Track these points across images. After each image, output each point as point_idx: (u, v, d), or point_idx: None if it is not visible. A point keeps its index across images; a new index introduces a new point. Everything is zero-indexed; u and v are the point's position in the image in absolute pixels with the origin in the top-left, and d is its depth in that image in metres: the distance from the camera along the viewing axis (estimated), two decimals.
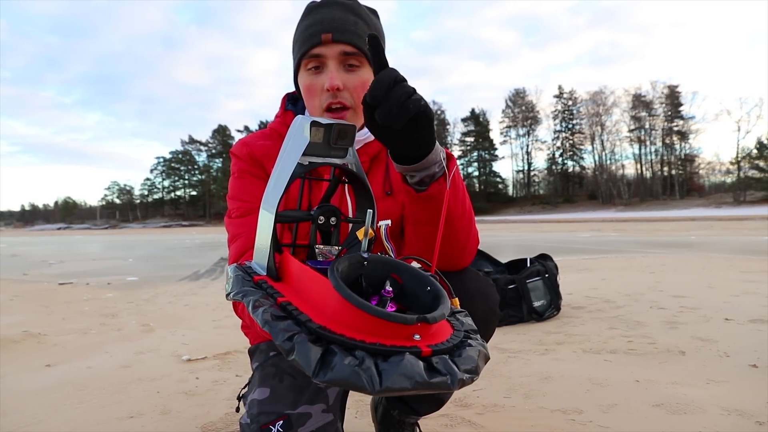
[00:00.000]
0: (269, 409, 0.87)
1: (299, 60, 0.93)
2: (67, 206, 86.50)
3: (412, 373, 0.43)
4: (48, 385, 1.88)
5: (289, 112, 1.04)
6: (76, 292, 4.59)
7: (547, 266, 2.87)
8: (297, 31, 0.95)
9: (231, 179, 1.01)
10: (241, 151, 0.99)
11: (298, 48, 0.93)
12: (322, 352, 0.44)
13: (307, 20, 0.92)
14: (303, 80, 0.93)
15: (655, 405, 1.50)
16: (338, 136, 0.62)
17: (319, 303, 0.51)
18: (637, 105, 58.19)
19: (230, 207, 0.98)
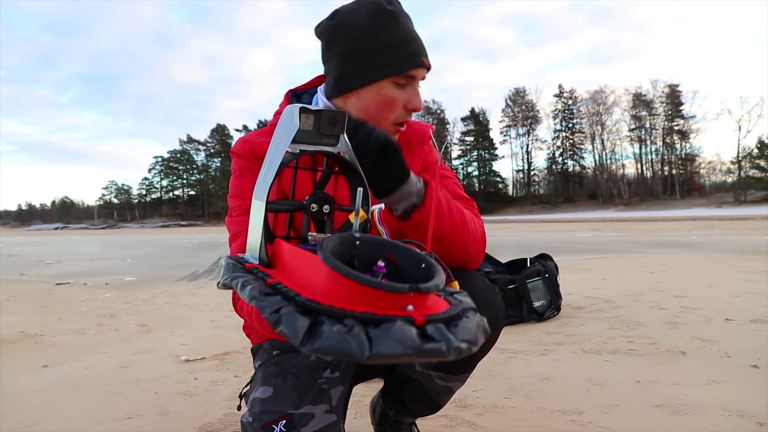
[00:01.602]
0: (272, 408, 0.86)
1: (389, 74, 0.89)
2: (65, 206, 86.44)
3: (404, 338, 0.41)
4: (45, 386, 1.87)
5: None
6: (74, 292, 4.58)
7: (547, 266, 2.86)
8: (376, 38, 0.88)
9: (232, 178, 0.99)
10: (242, 149, 0.97)
11: (390, 63, 0.88)
12: (310, 323, 0.43)
13: (393, 30, 0.89)
14: (384, 93, 0.90)
15: (655, 405, 1.49)
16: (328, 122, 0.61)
17: (309, 279, 0.50)
18: (638, 104, 58.21)
19: (231, 205, 0.96)
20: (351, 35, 0.88)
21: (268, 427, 0.85)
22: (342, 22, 0.89)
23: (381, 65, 0.88)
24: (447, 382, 1.06)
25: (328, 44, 0.93)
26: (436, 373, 1.04)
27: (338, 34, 0.90)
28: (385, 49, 0.88)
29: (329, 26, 0.91)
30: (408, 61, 0.89)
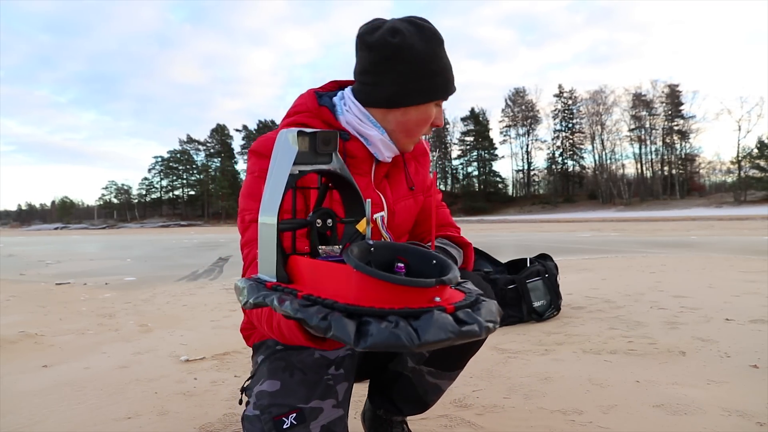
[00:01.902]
0: (281, 401, 0.88)
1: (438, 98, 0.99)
2: (64, 206, 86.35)
3: (445, 325, 0.47)
4: (45, 386, 1.87)
5: (324, 108, 1.02)
6: (74, 292, 4.58)
7: (547, 266, 2.86)
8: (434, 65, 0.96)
9: (249, 177, 0.97)
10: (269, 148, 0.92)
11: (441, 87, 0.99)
12: (357, 324, 0.47)
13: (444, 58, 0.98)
14: (425, 112, 0.99)
15: (655, 405, 1.49)
16: (323, 142, 0.65)
17: (339, 288, 0.53)
18: (638, 104, 58.20)
19: (246, 206, 0.95)
20: (414, 58, 0.94)
21: (279, 419, 0.86)
22: (406, 44, 0.93)
23: (435, 89, 0.98)
24: (437, 378, 1.10)
25: (385, 59, 0.95)
26: (428, 369, 1.07)
27: (401, 54, 0.94)
28: (439, 75, 0.97)
29: (391, 44, 0.94)
30: (450, 88, 1.01)
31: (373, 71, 0.97)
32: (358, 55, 1.00)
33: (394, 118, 0.99)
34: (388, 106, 0.98)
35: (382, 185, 1.08)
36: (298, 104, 1.05)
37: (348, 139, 1.01)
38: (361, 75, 1.00)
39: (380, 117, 1.00)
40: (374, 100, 0.99)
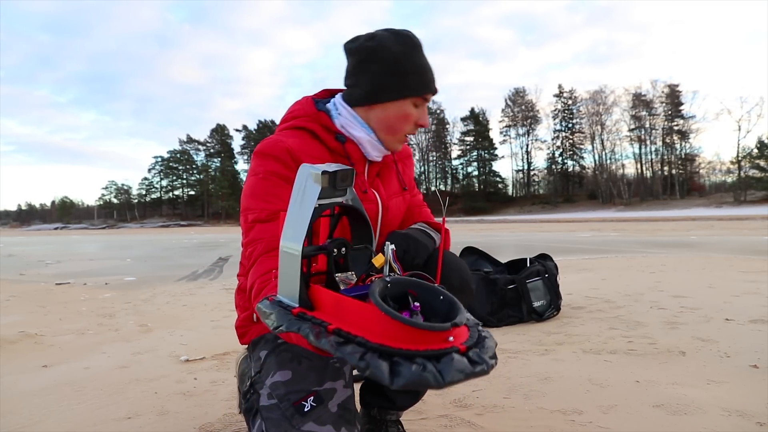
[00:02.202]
0: (297, 387, 0.94)
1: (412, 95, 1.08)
2: (64, 206, 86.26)
3: (463, 367, 0.55)
4: (45, 386, 1.87)
5: (322, 113, 1.10)
6: (74, 292, 4.58)
7: (546, 266, 2.86)
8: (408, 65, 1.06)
9: (253, 178, 1.02)
10: (275, 150, 1.02)
11: (416, 86, 1.07)
12: (390, 364, 0.54)
13: (418, 60, 1.08)
14: (404, 109, 1.08)
15: (655, 405, 1.49)
16: (341, 179, 0.73)
17: (366, 325, 0.60)
18: (638, 104, 58.19)
19: (250, 206, 1.00)
20: (387, 58, 1.05)
21: (298, 404, 0.91)
22: (381, 45, 1.05)
23: (408, 87, 1.07)
24: None
25: (362, 61, 1.07)
26: None
27: (376, 55, 1.05)
28: (412, 74, 1.06)
29: (368, 47, 1.06)
30: (427, 87, 1.09)
31: (353, 73, 1.09)
32: (347, 60, 1.12)
33: (375, 116, 1.09)
34: (367, 103, 1.08)
35: (375, 183, 1.17)
36: (295, 109, 1.12)
37: (345, 141, 1.10)
38: (346, 79, 1.12)
39: (364, 116, 1.10)
40: (356, 98, 1.09)
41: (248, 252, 0.98)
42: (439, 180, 72.44)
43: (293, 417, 0.91)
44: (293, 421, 0.91)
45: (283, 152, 1.02)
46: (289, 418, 0.91)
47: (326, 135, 1.09)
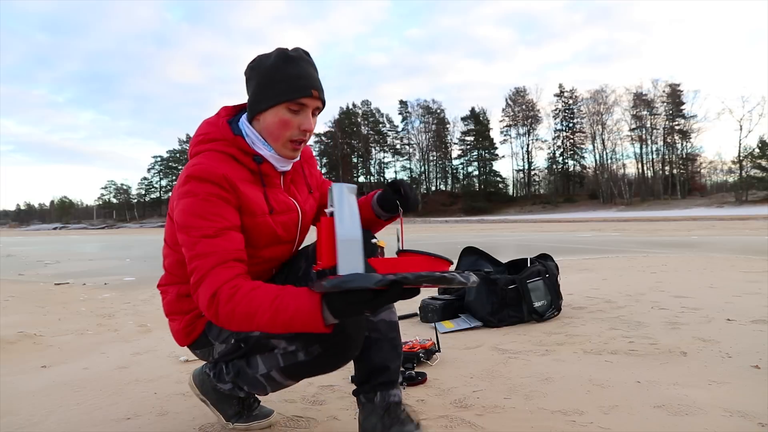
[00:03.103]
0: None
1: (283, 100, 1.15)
2: (63, 206, 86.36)
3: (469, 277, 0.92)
4: (44, 387, 1.86)
5: (239, 137, 1.20)
6: (73, 292, 4.58)
7: (547, 266, 2.85)
8: (277, 74, 1.15)
9: (192, 199, 1.10)
10: (212, 176, 1.12)
11: (284, 91, 1.15)
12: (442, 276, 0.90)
13: (289, 69, 1.16)
14: (280, 115, 1.16)
15: (656, 406, 1.48)
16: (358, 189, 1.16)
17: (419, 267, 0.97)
18: (638, 104, 58.16)
19: (194, 224, 1.09)
20: (261, 72, 1.17)
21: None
22: (257, 63, 1.19)
23: (278, 93, 1.15)
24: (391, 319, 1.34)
25: (247, 80, 1.21)
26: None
27: (254, 72, 1.19)
28: (281, 82, 1.15)
29: (249, 66, 1.21)
30: (298, 92, 1.15)
31: (247, 91, 1.22)
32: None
33: (259, 127, 1.20)
34: (252, 115, 1.21)
35: (292, 191, 1.31)
36: (211, 131, 1.21)
37: (261, 162, 1.21)
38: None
39: (257, 129, 1.21)
40: (248, 113, 1.22)
41: (198, 264, 1.06)
42: (440, 180, 72.46)
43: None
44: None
45: (220, 178, 1.12)
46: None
47: (245, 158, 1.20)
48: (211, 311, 1.04)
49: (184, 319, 1.30)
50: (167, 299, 1.33)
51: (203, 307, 1.06)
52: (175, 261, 1.28)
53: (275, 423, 1.46)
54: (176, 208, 1.14)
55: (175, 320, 1.32)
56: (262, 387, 1.27)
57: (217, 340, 1.29)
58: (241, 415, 1.42)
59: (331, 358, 1.17)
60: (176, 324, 1.31)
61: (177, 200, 1.14)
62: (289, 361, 1.20)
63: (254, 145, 1.20)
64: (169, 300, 1.32)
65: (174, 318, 1.33)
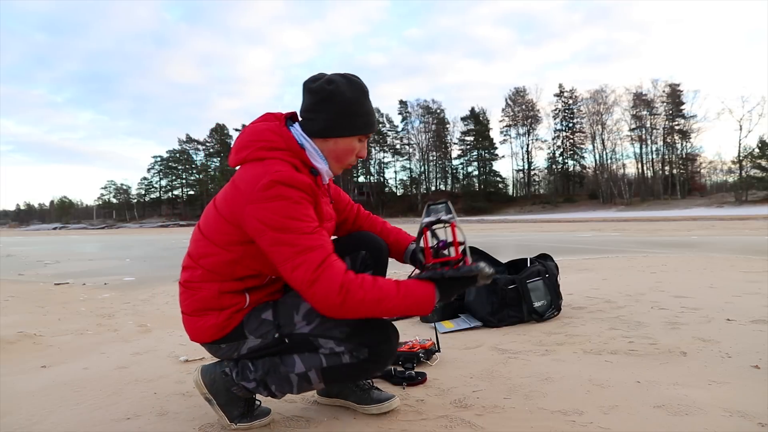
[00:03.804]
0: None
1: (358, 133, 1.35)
2: (63, 206, 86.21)
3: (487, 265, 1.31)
4: (44, 386, 1.86)
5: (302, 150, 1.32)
6: (73, 292, 4.58)
7: (547, 266, 2.85)
8: (359, 108, 1.33)
9: (285, 203, 1.20)
10: (300, 183, 1.24)
11: (362, 126, 1.35)
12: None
13: (366, 105, 1.35)
14: (351, 144, 1.36)
15: (656, 406, 1.48)
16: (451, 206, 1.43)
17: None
18: (638, 104, 58.13)
19: (293, 225, 1.19)
20: (342, 101, 1.30)
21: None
22: (337, 90, 1.30)
23: (357, 127, 1.34)
24: None
25: (321, 101, 1.30)
26: None
27: (333, 98, 1.30)
28: (361, 117, 1.34)
29: (327, 89, 1.29)
30: (370, 128, 1.37)
31: (312, 109, 1.32)
32: (304, 96, 1.34)
33: (327, 147, 1.34)
34: (322, 136, 1.33)
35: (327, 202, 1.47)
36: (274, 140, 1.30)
37: (317, 175, 1.35)
38: (305, 112, 1.34)
39: (320, 146, 1.34)
40: (313, 131, 1.33)
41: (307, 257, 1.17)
42: (439, 180, 72.42)
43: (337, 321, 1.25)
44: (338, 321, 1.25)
45: (306, 186, 1.25)
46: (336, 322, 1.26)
47: (304, 169, 1.32)
48: (339, 299, 1.16)
49: (223, 314, 1.31)
50: (200, 296, 1.32)
51: (329, 295, 1.16)
52: (224, 260, 1.30)
53: (275, 423, 1.46)
54: (262, 210, 1.20)
55: (209, 316, 1.32)
56: (290, 387, 1.31)
57: (253, 334, 1.32)
58: (245, 415, 1.42)
59: (373, 364, 1.27)
60: (210, 319, 1.31)
61: (261, 203, 1.20)
62: (333, 363, 1.26)
63: (313, 159, 1.33)
64: (203, 297, 1.32)
65: (207, 314, 1.32)
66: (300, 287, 1.19)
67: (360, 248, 1.50)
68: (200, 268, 1.33)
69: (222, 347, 1.36)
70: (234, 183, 1.29)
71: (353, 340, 1.25)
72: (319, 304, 1.19)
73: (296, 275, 1.18)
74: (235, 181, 1.29)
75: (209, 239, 1.32)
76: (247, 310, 1.34)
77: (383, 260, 1.53)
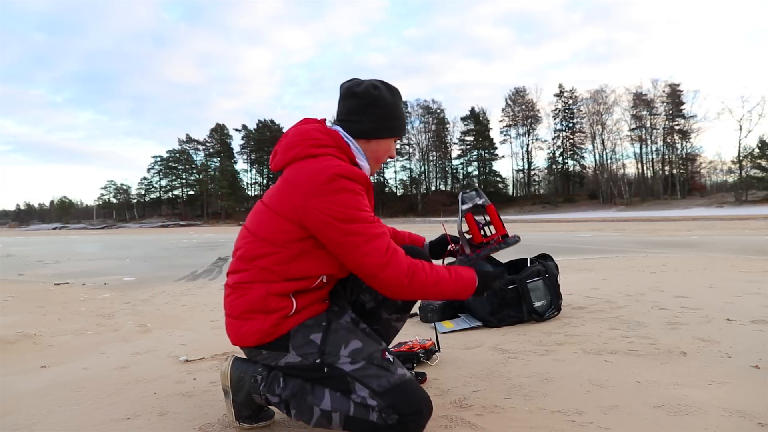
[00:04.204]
0: (374, 347, 1.29)
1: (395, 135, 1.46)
2: (63, 206, 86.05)
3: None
4: (43, 387, 1.86)
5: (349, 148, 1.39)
6: (72, 292, 4.57)
7: (547, 266, 2.85)
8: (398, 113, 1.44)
9: (350, 195, 1.26)
10: (358, 176, 1.30)
11: (399, 129, 1.46)
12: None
13: (402, 109, 1.47)
14: (389, 145, 1.47)
15: (656, 406, 1.48)
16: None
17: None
18: (638, 104, 58.11)
19: (359, 216, 1.26)
20: (386, 106, 1.41)
21: (385, 357, 1.27)
22: (381, 95, 1.40)
23: (396, 129, 1.45)
24: (398, 322, 1.58)
25: (368, 105, 1.39)
26: (395, 316, 1.55)
27: (378, 102, 1.40)
28: (399, 120, 1.45)
29: (373, 94, 1.39)
30: (404, 130, 1.50)
31: (358, 112, 1.39)
32: (346, 100, 1.41)
33: (369, 148, 1.43)
34: (368, 137, 1.41)
35: None
36: (323, 139, 1.35)
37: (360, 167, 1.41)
38: (348, 114, 1.41)
39: (363, 147, 1.42)
40: (359, 132, 1.40)
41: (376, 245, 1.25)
42: (439, 180, 72.43)
43: (388, 367, 1.25)
44: (390, 369, 1.25)
45: (364, 179, 1.32)
46: (386, 368, 1.25)
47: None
48: (407, 280, 1.25)
49: (269, 319, 1.28)
50: (247, 297, 1.30)
51: (399, 276, 1.25)
52: (281, 259, 1.29)
53: (276, 423, 1.46)
54: (327, 203, 1.24)
55: (255, 319, 1.29)
56: (309, 418, 1.28)
57: (297, 350, 1.29)
58: (251, 418, 1.42)
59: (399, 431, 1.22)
60: (256, 324, 1.29)
61: (326, 196, 1.24)
62: (359, 414, 1.22)
63: (357, 158, 1.40)
64: (251, 298, 1.30)
65: (254, 317, 1.29)
66: (371, 271, 1.24)
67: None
68: (253, 268, 1.31)
69: (263, 353, 1.33)
70: (288, 180, 1.30)
71: (388, 398, 1.20)
72: (389, 286, 1.26)
73: (368, 261, 1.24)
74: (290, 179, 1.29)
75: (265, 240, 1.30)
76: (294, 318, 1.30)
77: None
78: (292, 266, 1.29)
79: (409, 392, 1.22)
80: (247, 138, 73.54)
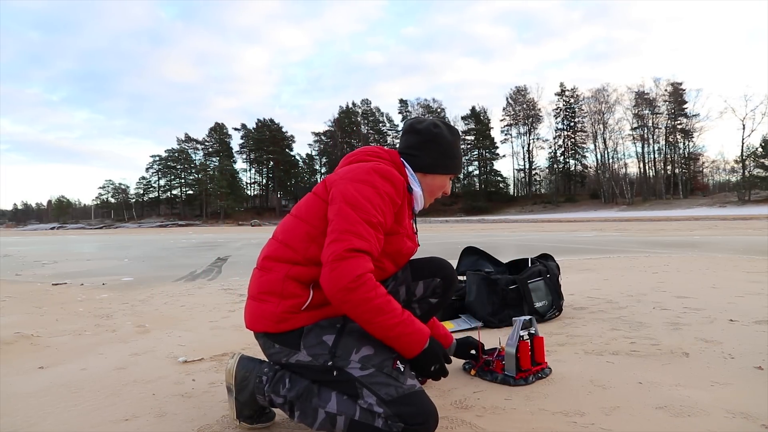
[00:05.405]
0: (385, 355, 1.27)
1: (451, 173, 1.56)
2: (61, 205, 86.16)
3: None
4: (41, 387, 1.85)
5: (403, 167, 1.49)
6: (70, 292, 4.56)
7: (548, 266, 2.84)
8: (456, 152, 1.55)
9: (371, 189, 1.30)
10: (396, 179, 1.37)
11: (455, 167, 1.56)
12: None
13: (459, 149, 1.58)
14: (445, 181, 1.56)
15: (658, 407, 1.47)
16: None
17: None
18: (640, 102, 58.05)
19: (364, 207, 1.27)
20: (445, 144, 1.51)
21: (396, 367, 1.26)
22: (441, 134, 1.51)
23: (453, 167, 1.56)
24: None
25: (428, 141, 1.50)
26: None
27: (438, 140, 1.51)
28: (456, 159, 1.56)
29: (434, 132, 1.50)
30: (460, 170, 1.61)
31: (419, 147, 1.51)
32: (408, 135, 1.53)
33: (426, 181, 1.52)
34: (425, 171, 1.51)
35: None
36: (380, 153, 1.49)
37: (411, 192, 1.48)
38: (409, 148, 1.52)
39: (420, 179, 1.51)
40: (418, 165, 1.50)
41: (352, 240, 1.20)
42: None
43: (398, 377, 1.24)
44: (399, 379, 1.24)
45: (401, 183, 1.38)
46: (395, 377, 1.24)
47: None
48: (352, 285, 1.17)
49: (282, 304, 1.31)
50: (267, 277, 1.35)
51: (346, 276, 1.17)
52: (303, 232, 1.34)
53: (276, 424, 1.45)
54: (349, 185, 1.30)
55: (270, 302, 1.32)
56: (312, 421, 1.26)
57: (308, 349, 1.30)
58: (252, 417, 1.41)
59: None
60: (269, 306, 1.32)
61: (352, 182, 1.31)
62: (364, 420, 1.21)
63: (411, 183, 1.47)
64: (271, 279, 1.34)
65: (269, 299, 1.32)
66: (327, 258, 1.20)
67: (436, 275, 1.60)
68: (281, 244, 1.37)
69: (276, 347, 1.34)
70: (336, 172, 1.42)
71: (395, 407, 1.20)
72: (331, 282, 1.18)
73: (333, 247, 1.20)
74: (338, 172, 1.41)
75: (298, 216, 1.39)
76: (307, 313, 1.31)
77: (451, 292, 1.64)
78: (313, 246, 1.31)
79: (417, 403, 1.21)
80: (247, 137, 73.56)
